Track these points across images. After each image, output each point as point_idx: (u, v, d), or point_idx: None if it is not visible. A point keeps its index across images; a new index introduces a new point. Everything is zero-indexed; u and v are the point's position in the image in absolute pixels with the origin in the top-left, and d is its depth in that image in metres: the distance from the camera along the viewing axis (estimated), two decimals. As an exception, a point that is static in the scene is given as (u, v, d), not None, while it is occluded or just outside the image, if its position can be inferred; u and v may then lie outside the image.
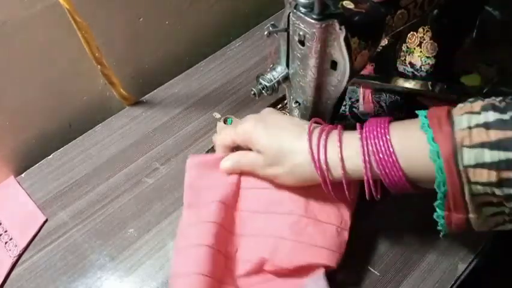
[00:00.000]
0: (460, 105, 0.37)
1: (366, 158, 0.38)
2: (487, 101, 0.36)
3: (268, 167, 0.45)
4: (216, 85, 0.69)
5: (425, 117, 0.37)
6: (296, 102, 0.48)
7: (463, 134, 0.34)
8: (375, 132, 0.39)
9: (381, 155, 0.38)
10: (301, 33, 0.41)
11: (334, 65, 0.43)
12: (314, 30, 0.40)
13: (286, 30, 0.43)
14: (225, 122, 0.64)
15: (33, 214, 0.54)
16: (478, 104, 0.36)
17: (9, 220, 0.54)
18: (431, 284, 0.47)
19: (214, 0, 0.72)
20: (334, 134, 0.41)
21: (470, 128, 0.34)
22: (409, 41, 0.62)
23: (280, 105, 0.65)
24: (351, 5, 0.42)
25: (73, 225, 0.54)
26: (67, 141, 0.63)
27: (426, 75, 0.64)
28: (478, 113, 0.35)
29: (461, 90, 0.62)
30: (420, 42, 0.61)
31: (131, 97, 0.66)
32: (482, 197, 0.35)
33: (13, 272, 0.50)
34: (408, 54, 0.64)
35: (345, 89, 0.45)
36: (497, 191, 0.34)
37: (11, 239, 0.53)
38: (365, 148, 0.39)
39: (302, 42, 0.42)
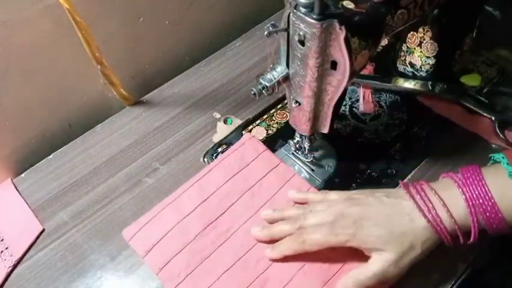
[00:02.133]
0: None
1: (474, 217, 0.42)
2: None
3: (401, 261, 0.43)
4: (216, 85, 0.69)
5: (508, 164, 0.42)
6: (296, 102, 0.48)
7: None
8: (477, 192, 0.42)
9: (484, 207, 0.41)
10: (301, 33, 0.41)
11: (334, 65, 0.43)
12: (314, 30, 0.40)
13: (286, 30, 0.43)
14: (225, 122, 0.64)
15: (31, 223, 0.54)
16: None
17: (6, 228, 0.54)
18: (431, 284, 0.47)
19: (214, 0, 0.72)
20: (435, 197, 0.43)
21: None
22: (409, 41, 0.62)
23: (280, 105, 0.65)
24: (351, 5, 0.42)
25: (73, 225, 0.54)
26: (67, 141, 0.63)
27: (426, 75, 0.64)
28: None
29: (461, 90, 0.63)
30: (420, 42, 0.61)
31: (131, 97, 0.66)
32: None
33: (13, 272, 0.50)
34: (408, 54, 0.64)
35: (345, 89, 0.45)
36: None
37: (6, 248, 0.52)
38: (472, 210, 0.42)
39: (302, 42, 0.42)
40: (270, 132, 0.62)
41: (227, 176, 0.55)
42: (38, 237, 0.53)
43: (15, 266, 0.51)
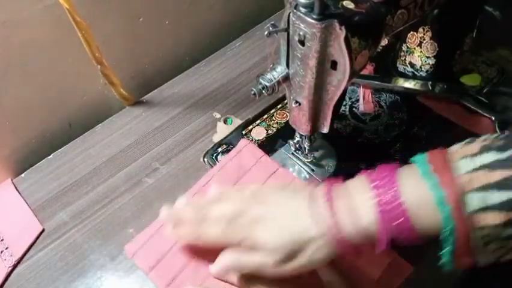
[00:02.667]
0: (454, 147, 0.37)
1: (382, 225, 0.36)
2: (484, 141, 0.36)
3: (283, 264, 0.39)
4: (216, 85, 0.69)
5: (425, 164, 0.36)
6: (296, 102, 0.48)
7: (464, 178, 0.34)
8: (386, 190, 0.37)
9: (390, 209, 0.36)
10: (301, 33, 0.41)
11: (334, 65, 0.43)
12: (314, 30, 0.40)
13: (286, 30, 0.43)
14: (225, 122, 0.64)
15: (31, 223, 0.54)
16: (475, 146, 0.36)
17: (6, 229, 0.54)
18: (431, 284, 0.47)
19: (214, 0, 0.72)
20: (342, 201, 0.38)
21: (471, 171, 0.34)
22: (409, 41, 0.62)
23: (280, 105, 0.65)
24: (351, 5, 0.42)
25: (73, 225, 0.54)
26: (67, 141, 0.63)
27: (426, 75, 0.64)
28: (475, 154, 0.35)
29: (461, 90, 0.63)
30: (420, 42, 0.61)
31: (131, 97, 0.66)
32: (486, 238, 0.34)
33: (13, 272, 0.50)
34: (408, 54, 0.64)
35: (345, 89, 0.45)
36: (503, 233, 0.34)
37: (6, 248, 0.52)
38: (380, 216, 0.36)
39: (302, 42, 0.42)
40: (270, 132, 0.62)
41: (226, 186, 0.54)
42: (38, 237, 0.53)
43: (15, 266, 0.51)
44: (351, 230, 0.37)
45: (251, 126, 0.62)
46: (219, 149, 0.60)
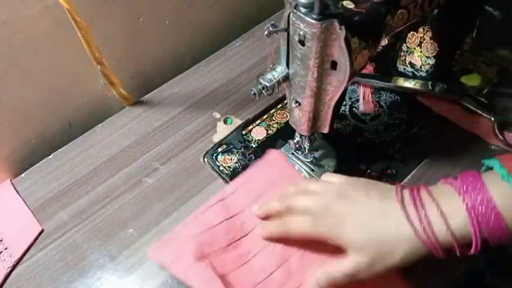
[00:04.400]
0: None
1: (476, 228, 0.38)
2: None
3: (375, 267, 0.41)
4: (216, 85, 0.69)
5: (502, 168, 0.39)
6: (296, 102, 0.48)
7: None
8: (479, 200, 0.38)
9: (487, 216, 0.38)
10: (301, 33, 0.41)
11: (334, 65, 0.43)
12: (314, 30, 0.40)
13: (286, 30, 0.43)
14: (225, 122, 0.64)
15: (30, 223, 0.54)
16: None
17: (5, 229, 0.54)
18: (431, 284, 0.47)
19: (214, 0, 0.72)
20: (432, 206, 0.40)
21: None
22: (409, 41, 0.62)
23: (280, 105, 0.65)
24: (351, 5, 0.42)
25: (73, 225, 0.54)
26: (67, 141, 0.63)
27: (426, 75, 0.64)
28: None
29: (461, 90, 0.63)
30: (420, 42, 0.61)
31: (131, 97, 0.66)
32: None
33: (13, 272, 0.50)
34: (408, 54, 0.64)
35: (345, 89, 0.45)
36: None
37: (6, 248, 0.52)
38: (474, 220, 0.38)
39: (302, 42, 0.42)
40: (270, 132, 0.62)
41: (251, 198, 0.53)
42: (37, 238, 0.53)
43: (14, 267, 0.51)
44: (443, 233, 0.38)
45: (251, 126, 0.62)
46: (219, 149, 0.60)
